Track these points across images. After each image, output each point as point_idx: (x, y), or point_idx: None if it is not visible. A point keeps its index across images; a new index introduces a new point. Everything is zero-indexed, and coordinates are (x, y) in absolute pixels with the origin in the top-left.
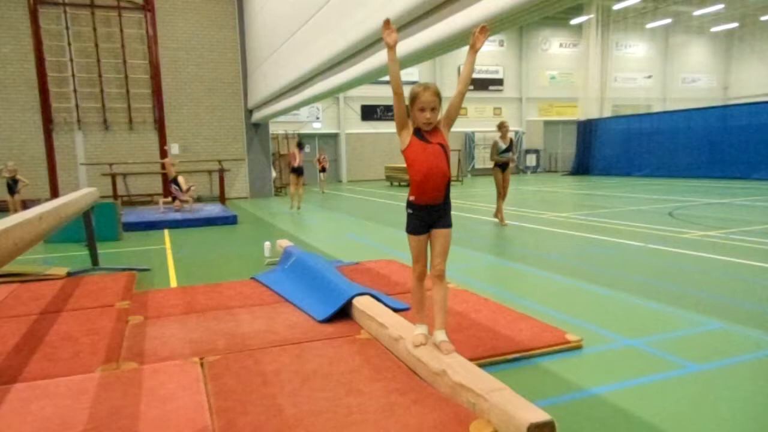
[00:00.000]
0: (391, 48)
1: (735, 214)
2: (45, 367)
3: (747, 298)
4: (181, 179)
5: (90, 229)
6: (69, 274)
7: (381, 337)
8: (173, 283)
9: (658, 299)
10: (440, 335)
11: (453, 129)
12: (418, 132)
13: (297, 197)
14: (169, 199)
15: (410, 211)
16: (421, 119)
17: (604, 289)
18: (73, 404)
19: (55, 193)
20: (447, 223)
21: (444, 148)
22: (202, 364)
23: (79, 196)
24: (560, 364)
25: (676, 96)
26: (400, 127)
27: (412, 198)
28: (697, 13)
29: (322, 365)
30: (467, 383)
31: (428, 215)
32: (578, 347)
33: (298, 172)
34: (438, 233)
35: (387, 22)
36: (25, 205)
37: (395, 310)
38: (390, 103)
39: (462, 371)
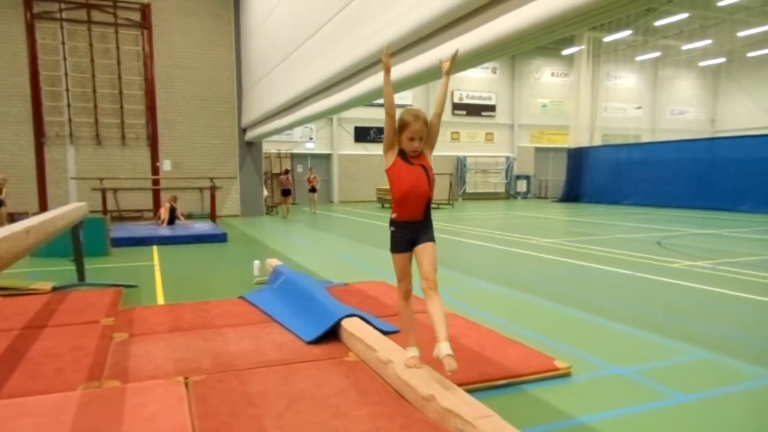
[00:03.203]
0: (387, 72)
1: (722, 245)
2: (26, 383)
3: (733, 329)
4: None
5: (78, 243)
6: (54, 289)
7: (369, 360)
8: (160, 301)
9: (647, 328)
10: (445, 348)
11: (445, 153)
12: (402, 153)
13: (286, 209)
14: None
15: (393, 228)
16: (409, 147)
17: (593, 316)
18: (52, 423)
19: (44, 207)
20: (430, 238)
21: (426, 169)
22: (186, 384)
23: (68, 210)
24: (549, 391)
25: (665, 127)
26: (387, 148)
27: (394, 216)
28: (686, 47)
29: (309, 387)
30: (456, 409)
31: (410, 232)
32: (567, 374)
33: (286, 193)
34: (422, 248)
35: (387, 48)
36: (13, 218)
37: (384, 333)
38: (383, 125)
39: (450, 397)
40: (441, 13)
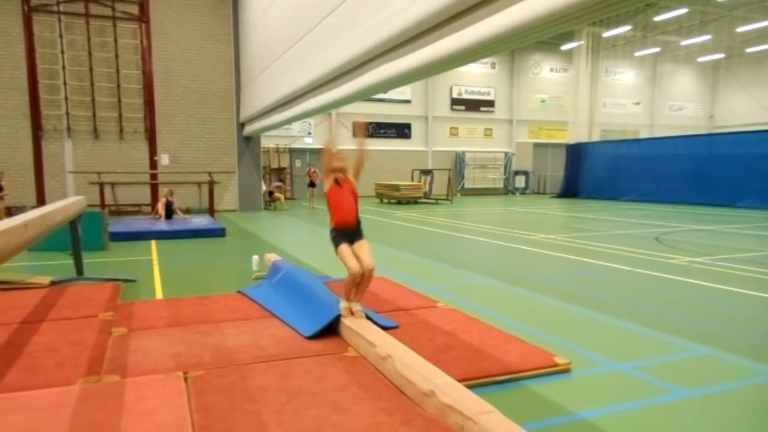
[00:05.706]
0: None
1: (721, 241)
2: (24, 378)
3: (732, 325)
4: None
5: (76, 238)
6: (53, 283)
7: (369, 355)
8: (159, 295)
9: (646, 324)
10: (357, 306)
11: (444, 149)
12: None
13: (280, 202)
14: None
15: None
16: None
17: (593, 312)
18: (51, 417)
19: (42, 201)
20: (363, 236)
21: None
22: (185, 379)
23: (66, 204)
24: (549, 387)
25: (663, 123)
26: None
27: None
28: (685, 43)
29: (308, 383)
30: (456, 405)
31: (350, 235)
32: (567, 370)
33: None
34: (359, 245)
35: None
36: (10, 212)
37: (384, 328)
38: (383, 120)
39: (451, 392)
40: (442, 8)
